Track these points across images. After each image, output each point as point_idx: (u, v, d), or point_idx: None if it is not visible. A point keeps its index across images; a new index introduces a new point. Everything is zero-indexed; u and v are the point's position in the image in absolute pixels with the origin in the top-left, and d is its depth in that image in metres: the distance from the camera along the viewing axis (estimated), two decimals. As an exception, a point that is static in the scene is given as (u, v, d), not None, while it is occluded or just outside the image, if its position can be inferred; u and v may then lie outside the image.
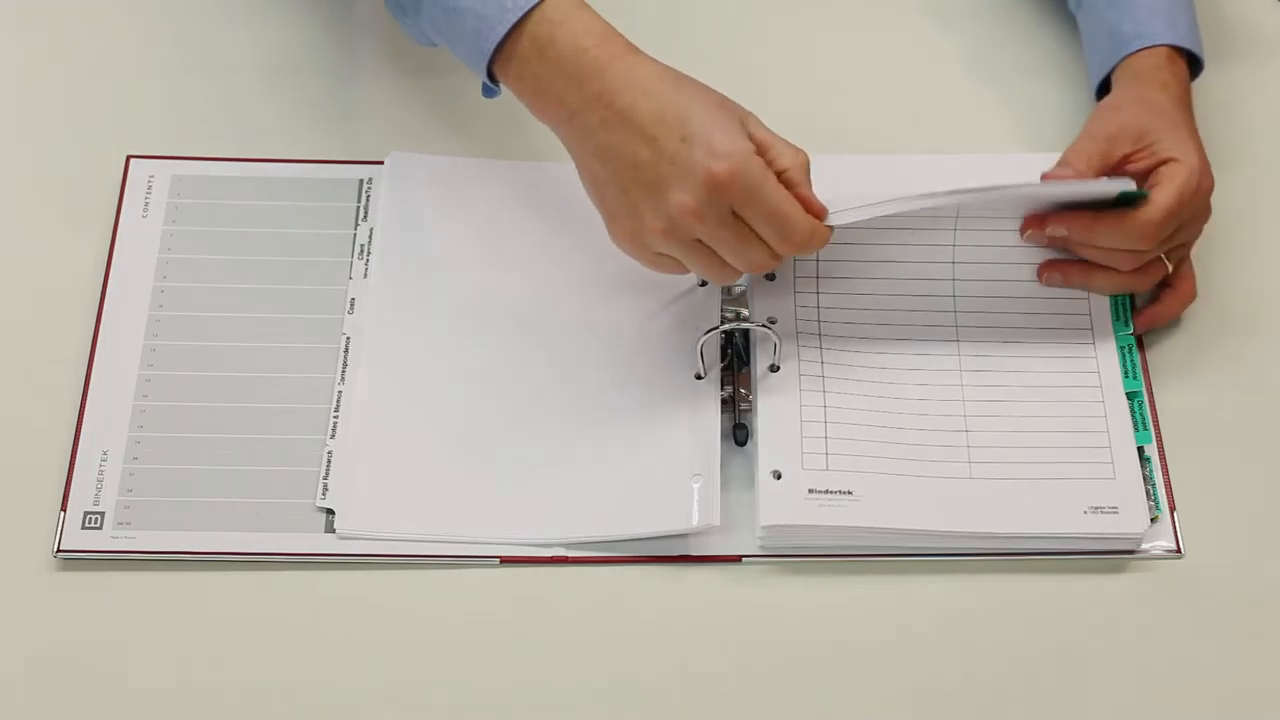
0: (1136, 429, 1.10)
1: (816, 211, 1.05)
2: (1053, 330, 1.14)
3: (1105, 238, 1.11)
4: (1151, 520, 1.08)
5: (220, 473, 1.09)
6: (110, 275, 1.16)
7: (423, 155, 1.22)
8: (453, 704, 1.03)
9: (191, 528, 1.07)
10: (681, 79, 1.05)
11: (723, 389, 1.11)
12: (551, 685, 1.03)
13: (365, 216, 1.19)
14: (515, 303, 1.16)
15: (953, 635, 1.06)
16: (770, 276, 1.14)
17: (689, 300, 1.15)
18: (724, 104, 1.05)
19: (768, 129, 1.06)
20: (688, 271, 1.07)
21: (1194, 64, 1.19)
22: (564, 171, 1.19)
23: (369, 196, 1.20)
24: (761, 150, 1.04)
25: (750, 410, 1.11)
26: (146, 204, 1.20)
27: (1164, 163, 1.12)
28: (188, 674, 1.03)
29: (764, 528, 1.06)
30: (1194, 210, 1.13)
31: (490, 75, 1.09)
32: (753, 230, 1.04)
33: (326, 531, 1.07)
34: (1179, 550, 1.08)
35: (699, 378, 1.11)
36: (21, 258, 1.18)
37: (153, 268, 1.17)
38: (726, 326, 1.12)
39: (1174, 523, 1.09)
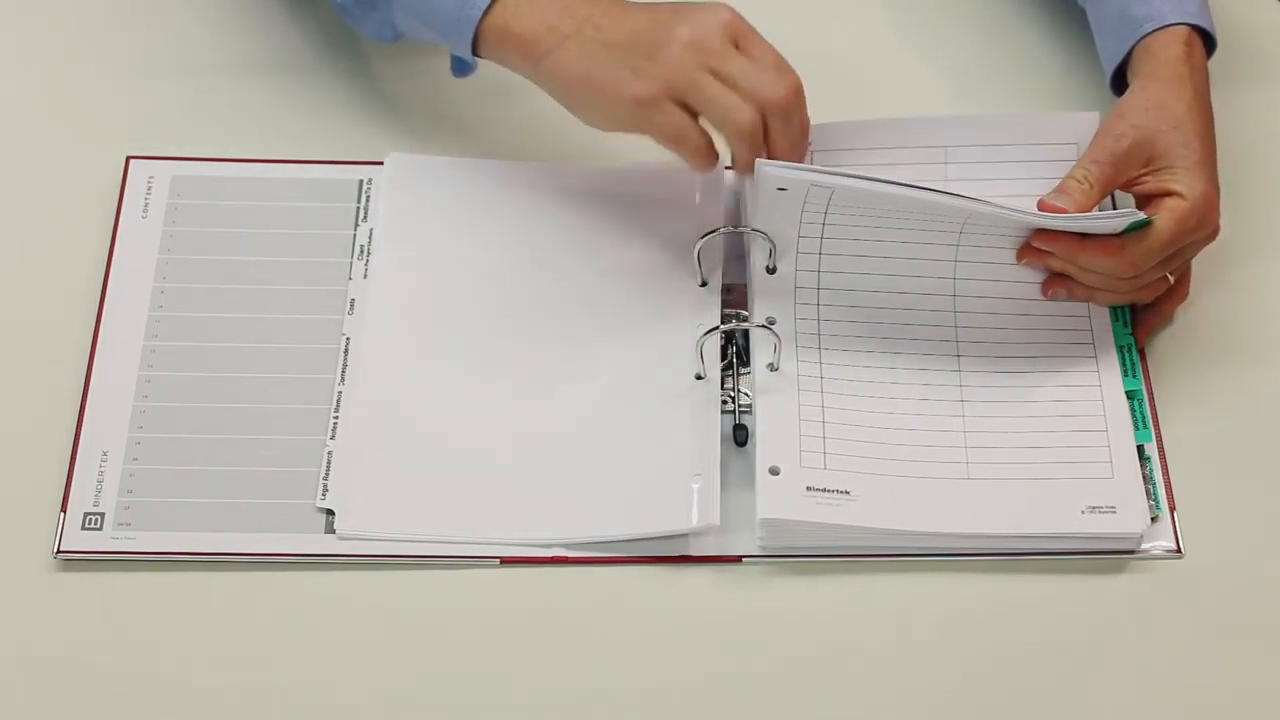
0: (1136, 428, 1.10)
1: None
2: (1051, 330, 1.13)
3: (1090, 262, 1.11)
4: (1151, 520, 1.08)
5: (220, 473, 1.09)
6: (110, 276, 1.16)
7: (422, 156, 1.22)
8: (453, 704, 1.03)
9: (191, 528, 1.07)
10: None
11: (723, 389, 1.11)
12: (551, 685, 1.03)
13: (365, 217, 1.19)
14: (514, 303, 1.16)
15: (953, 635, 1.05)
16: (771, 270, 1.13)
17: (689, 300, 1.15)
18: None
19: None
20: (695, 131, 1.08)
21: (1208, 42, 1.18)
22: (564, 171, 1.20)
23: (369, 197, 1.20)
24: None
25: (750, 410, 1.11)
26: (146, 205, 1.20)
27: (1169, 194, 1.11)
28: (188, 674, 1.03)
29: (761, 521, 1.06)
30: (1194, 240, 1.12)
31: (472, 44, 1.12)
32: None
33: (327, 532, 1.07)
34: (1179, 550, 1.08)
35: (699, 378, 1.11)
36: (21, 258, 1.18)
37: (152, 268, 1.17)
38: (726, 327, 1.12)
39: (1174, 523, 1.09)
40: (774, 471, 1.07)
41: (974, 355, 1.13)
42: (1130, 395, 1.11)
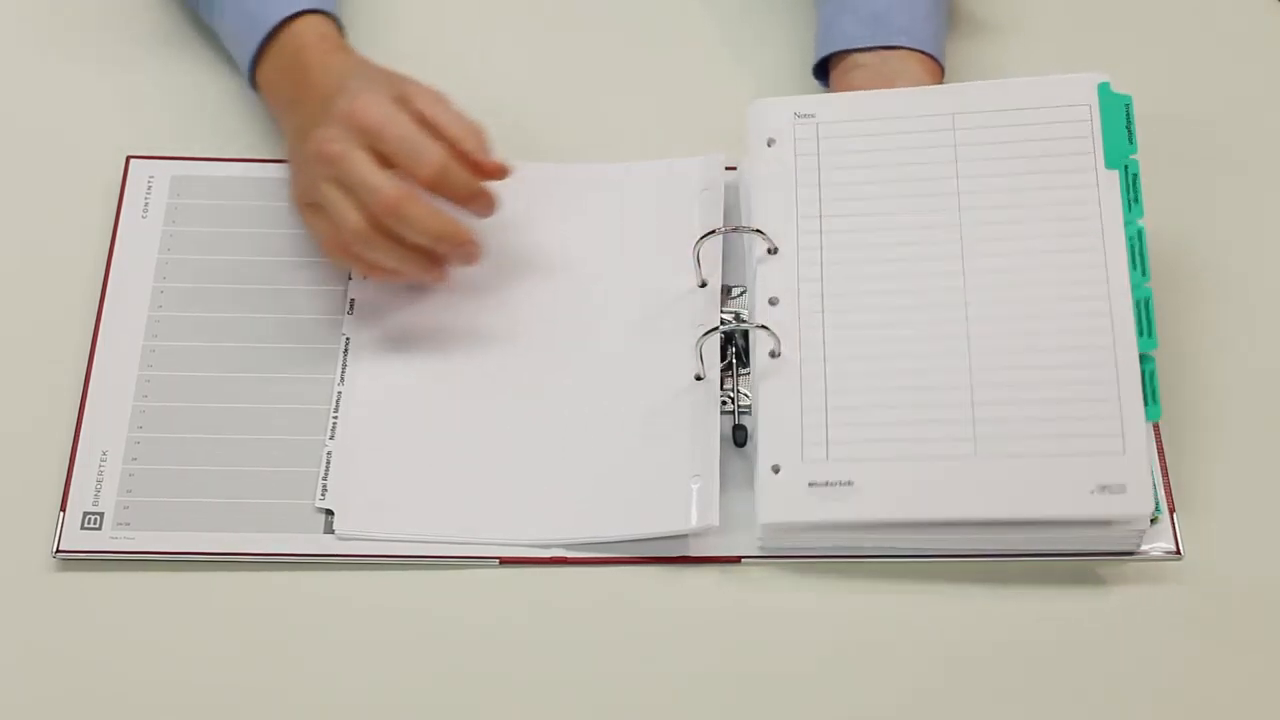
0: (1147, 403, 1.07)
1: (489, 170, 1.10)
2: (1066, 285, 1.09)
3: None
4: (1151, 521, 1.08)
5: (220, 473, 1.09)
6: (110, 276, 1.16)
7: (422, 156, 1.22)
8: (453, 704, 1.03)
9: (191, 528, 1.07)
10: (373, 64, 1.15)
11: (722, 389, 1.11)
12: (551, 685, 1.03)
13: (365, 217, 1.19)
14: (514, 303, 1.16)
15: (952, 636, 1.06)
16: (773, 250, 1.13)
17: (689, 300, 1.14)
18: (392, 78, 1.12)
19: (450, 111, 1.11)
20: (324, 237, 1.11)
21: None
22: (564, 171, 1.20)
23: (369, 197, 1.20)
24: (431, 123, 1.10)
25: (750, 411, 1.11)
26: (146, 204, 1.20)
27: None
28: (187, 674, 1.03)
29: (763, 526, 1.06)
30: None
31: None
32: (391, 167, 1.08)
33: (326, 532, 1.08)
34: (1179, 552, 1.08)
35: (699, 378, 1.11)
36: (21, 258, 1.19)
37: (152, 268, 1.17)
38: (726, 327, 1.11)
39: (1174, 524, 1.08)
40: (775, 469, 1.07)
41: (983, 320, 1.09)
42: (1143, 360, 1.08)
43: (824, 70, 1.23)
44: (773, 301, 1.11)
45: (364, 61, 1.15)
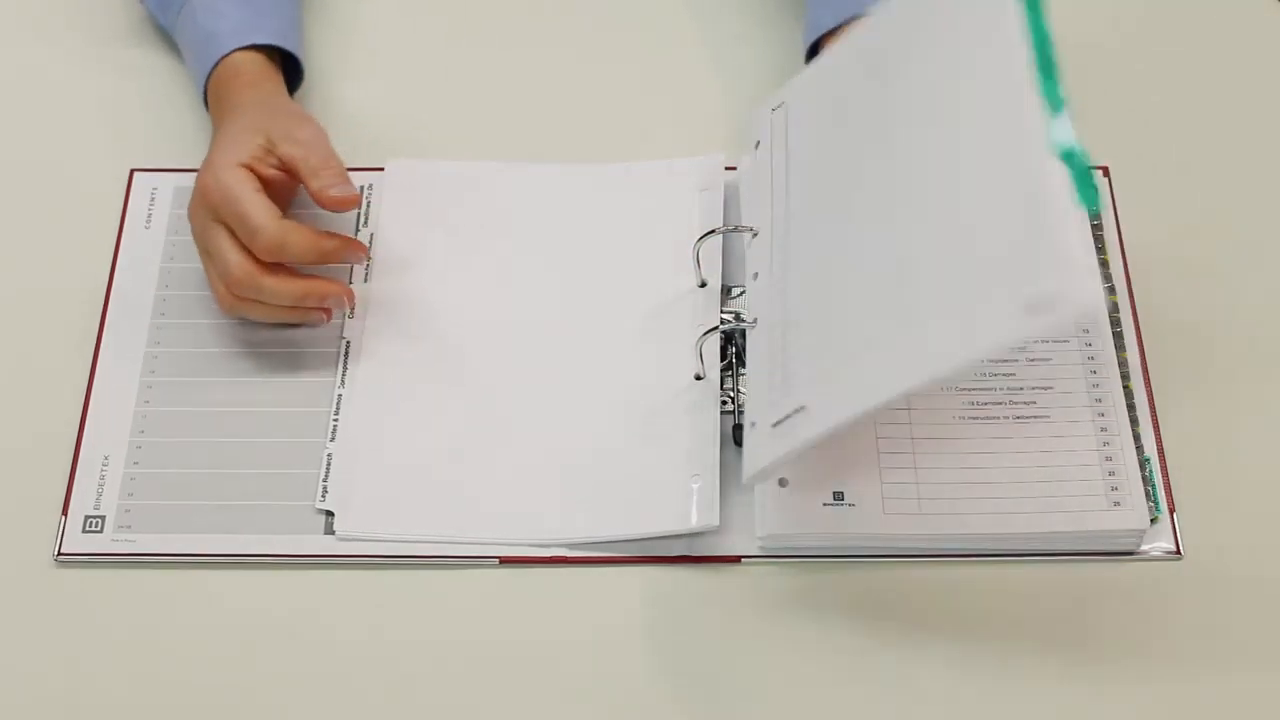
0: (1079, 188, 0.89)
1: (331, 203, 1.11)
2: (990, 155, 0.97)
3: None
4: (1151, 521, 1.07)
5: (220, 475, 1.10)
6: (113, 284, 1.17)
7: (422, 161, 1.22)
8: (453, 704, 1.03)
9: (192, 530, 1.08)
10: (267, 103, 1.17)
11: (722, 389, 1.11)
12: (552, 685, 1.03)
13: (365, 222, 1.20)
14: (514, 304, 1.16)
15: (951, 636, 1.05)
16: (755, 233, 1.13)
17: (689, 300, 1.15)
18: (261, 123, 1.13)
19: (304, 149, 1.12)
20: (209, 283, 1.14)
21: None
22: (564, 172, 1.20)
23: (369, 202, 1.21)
24: (293, 169, 1.12)
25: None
26: (149, 215, 1.21)
27: None
28: (188, 675, 1.04)
29: (745, 481, 1.05)
30: None
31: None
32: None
33: (326, 533, 1.08)
34: (1179, 552, 1.08)
35: (699, 378, 1.11)
36: (26, 267, 1.19)
37: (155, 276, 1.18)
38: (726, 327, 1.12)
39: (1174, 524, 1.08)
40: (752, 425, 1.05)
41: (910, 202, 1.00)
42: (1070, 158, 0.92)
43: None
44: (755, 277, 1.11)
45: (252, 104, 1.16)
